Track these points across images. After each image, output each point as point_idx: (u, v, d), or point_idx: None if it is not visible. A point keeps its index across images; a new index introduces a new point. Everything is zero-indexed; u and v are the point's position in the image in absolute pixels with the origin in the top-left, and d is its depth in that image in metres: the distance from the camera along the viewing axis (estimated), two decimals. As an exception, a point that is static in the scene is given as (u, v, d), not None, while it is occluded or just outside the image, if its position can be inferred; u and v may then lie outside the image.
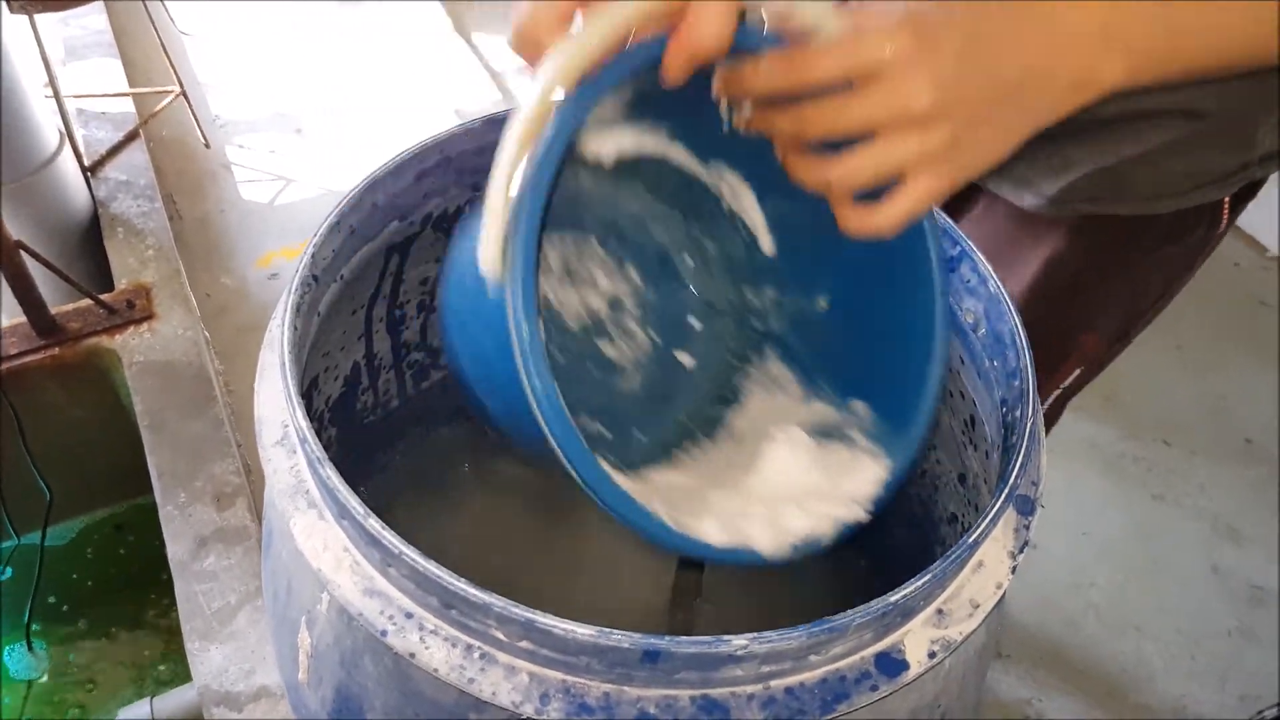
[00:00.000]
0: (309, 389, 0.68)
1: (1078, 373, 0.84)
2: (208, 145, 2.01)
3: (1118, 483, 1.65)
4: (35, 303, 1.22)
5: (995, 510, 0.49)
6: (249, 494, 1.16)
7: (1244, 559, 1.56)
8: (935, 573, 0.46)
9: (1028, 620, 1.46)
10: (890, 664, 0.48)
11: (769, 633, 0.44)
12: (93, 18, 1.85)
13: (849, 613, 0.45)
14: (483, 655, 0.46)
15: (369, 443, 0.81)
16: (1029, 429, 0.53)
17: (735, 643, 0.43)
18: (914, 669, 0.48)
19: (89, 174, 1.52)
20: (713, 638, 0.43)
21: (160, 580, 1.36)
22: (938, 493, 0.74)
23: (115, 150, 1.58)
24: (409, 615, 0.47)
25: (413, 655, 0.46)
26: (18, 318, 1.25)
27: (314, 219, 0.59)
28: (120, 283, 1.37)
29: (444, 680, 0.46)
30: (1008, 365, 0.58)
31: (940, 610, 0.50)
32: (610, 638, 0.42)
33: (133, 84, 1.76)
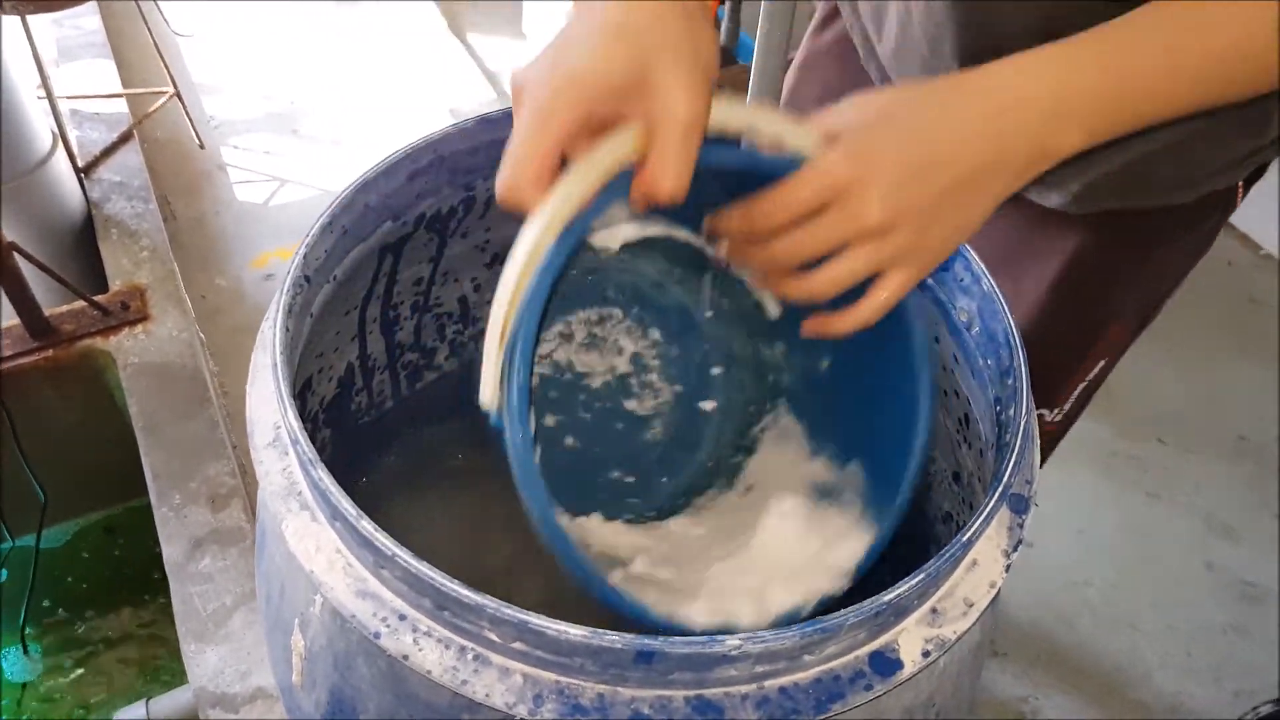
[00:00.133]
0: (303, 390, 0.67)
1: (1102, 364, 0.84)
2: (202, 146, 2.00)
3: (1112, 481, 1.65)
4: (29, 304, 1.21)
5: (989, 509, 0.49)
6: (244, 495, 1.15)
7: (1238, 556, 1.56)
8: (929, 572, 0.46)
9: (1023, 618, 1.46)
10: (884, 663, 0.48)
11: (763, 632, 0.44)
12: (86, 18, 1.85)
13: (842, 612, 0.45)
14: (476, 657, 0.46)
15: (363, 444, 0.81)
16: (1022, 427, 0.53)
17: (729, 643, 0.43)
18: (908, 668, 0.48)
19: (83, 175, 1.51)
20: (706, 638, 0.43)
21: (155, 582, 1.35)
22: (932, 491, 0.74)
23: (109, 151, 1.57)
24: (402, 617, 0.47)
25: (406, 657, 0.46)
26: (11, 320, 1.24)
27: (309, 220, 0.59)
28: (114, 284, 1.37)
29: (437, 682, 0.46)
30: (1001, 364, 0.58)
31: (934, 609, 0.50)
32: (603, 639, 0.42)
33: (126, 85, 1.75)
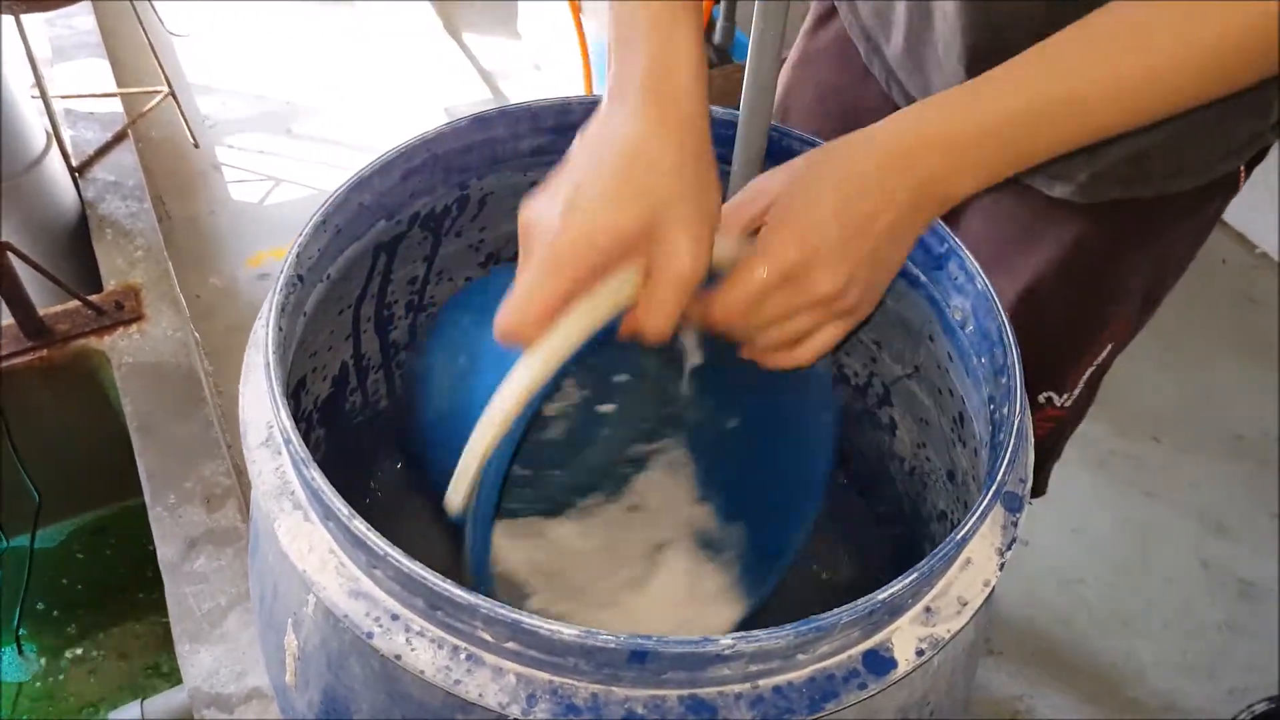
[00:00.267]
0: (296, 389, 0.67)
1: (1110, 348, 0.85)
2: (197, 145, 2.00)
3: (1107, 479, 1.65)
4: (23, 304, 1.21)
5: (983, 507, 0.49)
6: (239, 495, 1.15)
7: (1233, 554, 1.57)
8: (923, 570, 0.46)
9: (1018, 617, 1.47)
10: (878, 662, 0.48)
11: (756, 632, 0.43)
12: (80, 18, 1.84)
13: (836, 611, 0.45)
14: (469, 656, 0.46)
15: (358, 443, 0.81)
16: (1016, 426, 0.53)
17: (722, 642, 0.43)
18: (902, 667, 0.48)
19: (77, 175, 1.51)
20: (700, 637, 0.43)
21: (150, 582, 1.35)
22: (927, 490, 0.74)
23: (103, 151, 1.57)
24: (395, 617, 0.47)
25: (399, 657, 0.46)
26: (5, 320, 1.24)
27: (304, 219, 0.59)
28: (109, 284, 1.36)
29: (430, 682, 0.46)
30: (995, 362, 0.58)
31: (928, 608, 0.50)
32: (597, 638, 0.42)
33: (121, 84, 1.75)
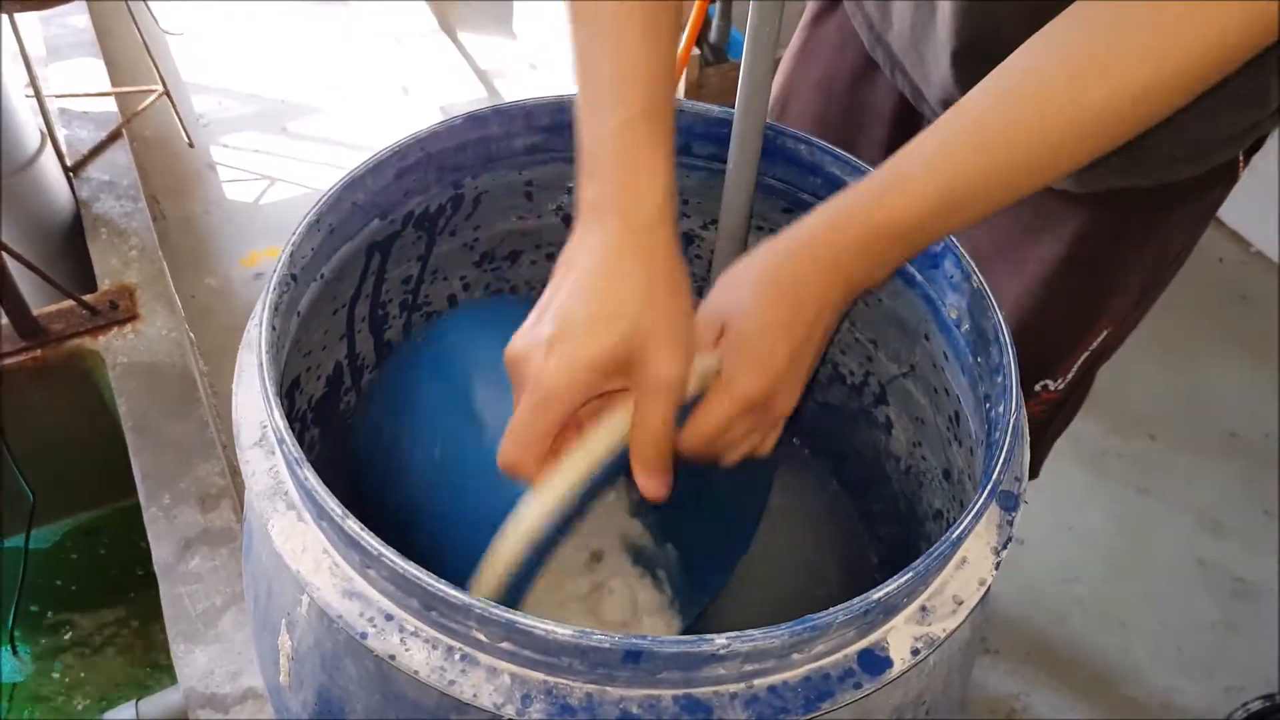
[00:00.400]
0: (290, 389, 0.67)
1: (1106, 333, 0.85)
2: (192, 145, 1.99)
3: (1102, 478, 1.66)
4: (17, 304, 1.21)
5: (978, 506, 0.49)
6: (234, 495, 1.15)
7: (1228, 552, 1.57)
8: (918, 570, 0.46)
9: (1014, 615, 1.47)
10: (874, 661, 0.48)
11: (751, 631, 0.43)
12: (74, 17, 1.84)
13: (831, 610, 0.44)
14: (464, 657, 0.46)
15: (352, 443, 0.80)
16: (1012, 424, 0.53)
17: (717, 642, 0.43)
18: (897, 666, 0.48)
19: (71, 174, 1.50)
20: (695, 637, 0.43)
21: (145, 582, 1.35)
22: (923, 489, 0.74)
23: (98, 150, 1.56)
24: (389, 617, 0.47)
25: (393, 657, 0.46)
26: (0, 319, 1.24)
27: (300, 218, 0.59)
28: (103, 284, 1.36)
29: (425, 682, 0.45)
30: (991, 361, 0.58)
31: (924, 607, 0.50)
32: (591, 638, 0.42)
33: (115, 84, 1.74)
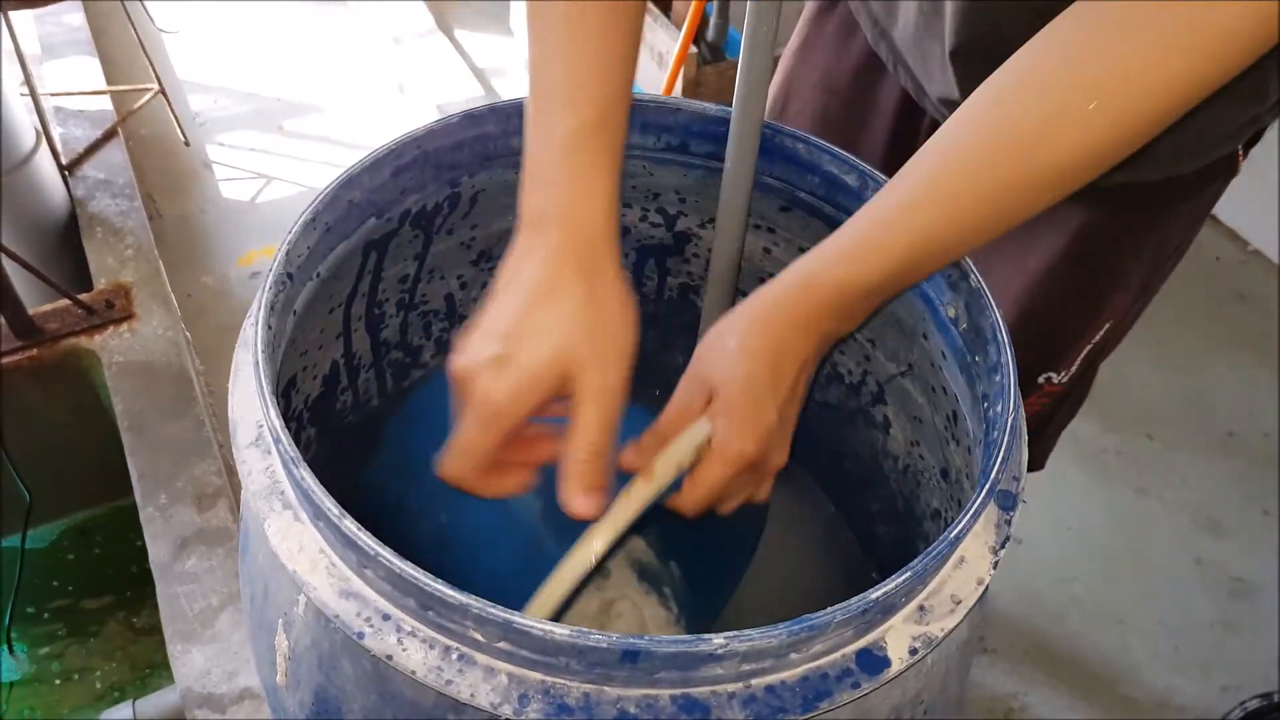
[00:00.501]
0: (287, 389, 0.67)
1: (1108, 327, 0.85)
2: (188, 143, 1.99)
3: (1100, 477, 1.66)
4: (13, 303, 1.20)
5: (976, 506, 0.49)
6: (230, 495, 1.15)
7: (1226, 551, 1.57)
8: (916, 569, 0.46)
9: (1012, 615, 1.47)
10: (872, 661, 0.48)
11: (749, 631, 0.43)
12: (70, 15, 1.83)
13: (829, 610, 0.44)
14: (461, 656, 0.46)
15: (349, 443, 0.80)
16: (1010, 423, 0.53)
17: (715, 641, 0.43)
18: (895, 666, 0.48)
19: (67, 173, 1.50)
20: (692, 636, 0.43)
21: (142, 582, 1.35)
22: (920, 488, 0.74)
23: (93, 149, 1.56)
24: (386, 617, 0.46)
25: (390, 657, 0.46)
26: (-6, 319, 1.24)
27: (296, 217, 0.59)
28: (99, 283, 1.36)
29: (422, 682, 0.45)
30: (989, 360, 0.58)
31: (922, 607, 0.50)
32: (589, 638, 0.42)
33: (111, 82, 1.74)
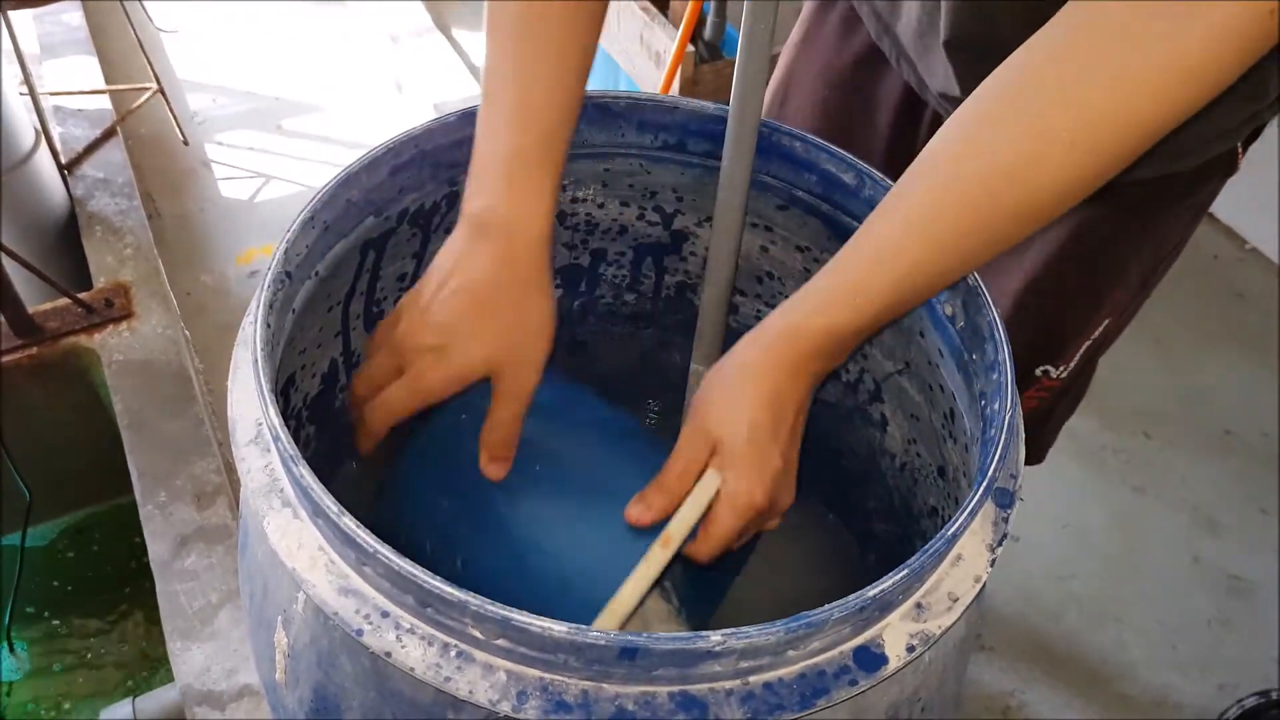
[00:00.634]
0: (285, 387, 0.67)
1: (1107, 322, 0.86)
2: (186, 143, 1.99)
3: (1098, 474, 1.66)
4: (12, 302, 1.20)
5: (973, 503, 0.49)
6: (229, 493, 1.15)
7: (1223, 549, 1.57)
8: (913, 567, 0.46)
9: (1009, 612, 1.47)
10: (869, 658, 0.48)
11: (747, 628, 0.43)
12: (69, 14, 1.83)
13: (827, 607, 0.45)
14: (460, 653, 0.46)
15: (348, 441, 0.80)
16: (1007, 421, 0.53)
17: (713, 639, 0.43)
18: (893, 663, 0.48)
19: (66, 172, 1.50)
20: (690, 634, 0.43)
21: (141, 579, 1.35)
22: (917, 486, 0.74)
23: (92, 148, 1.56)
24: (385, 614, 0.47)
25: (389, 654, 0.46)
26: (-6, 317, 1.24)
27: (295, 216, 0.59)
28: (99, 281, 1.36)
29: (421, 679, 0.45)
30: (986, 358, 0.58)
31: (919, 604, 0.50)
32: (587, 635, 0.42)
33: (110, 81, 1.74)
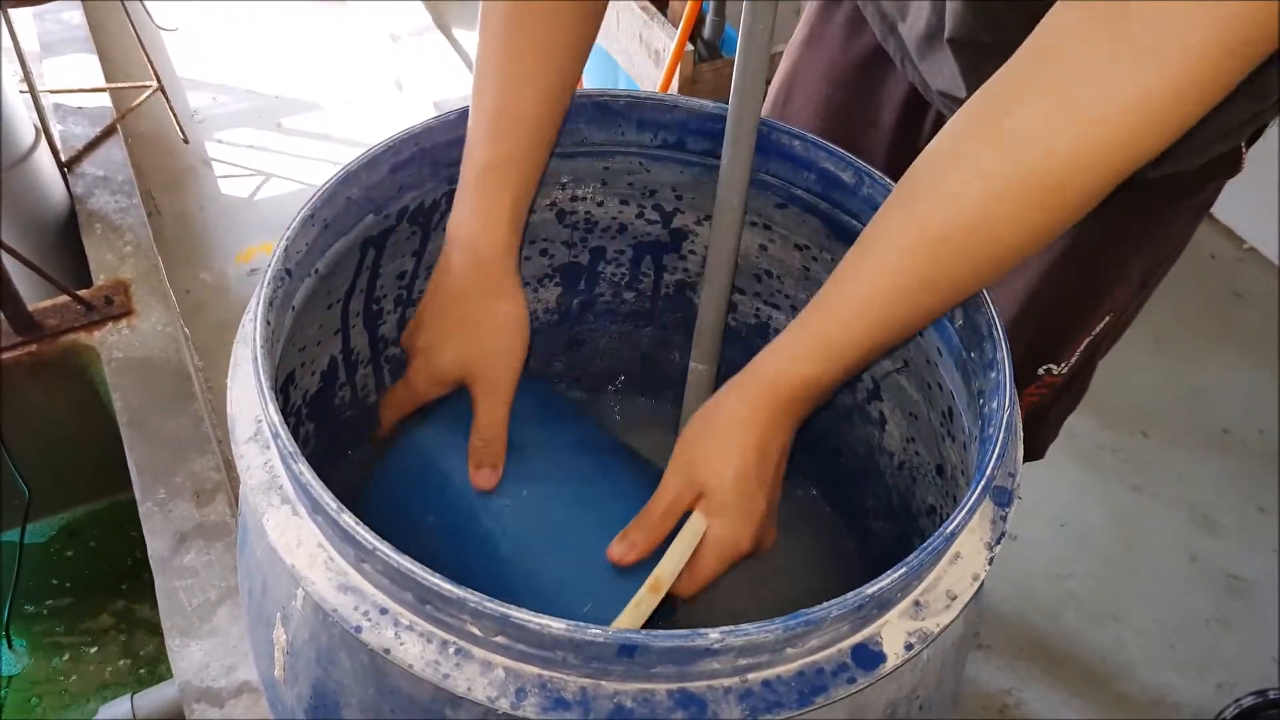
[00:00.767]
0: (285, 384, 0.67)
1: (1108, 320, 0.85)
2: (186, 141, 1.99)
3: (1096, 473, 1.66)
4: (12, 299, 1.20)
5: (972, 502, 0.49)
6: (229, 490, 1.15)
7: (1221, 549, 1.57)
8: (912, 565, 0.47)
9: (1007, 611, 1.47)
10: (867, 656, 0.48)
11: (745, 626, 0.44)
12: (69, 12, 1.83)
13: (825, 605, 0.45)
14: (458, 651, 0.46)
15: (347, 438, 0.80)
16: (1005, 420, 0.53)
17: (711, 636, 0.43)
18: (891, 661, 0.48)
19: (66, 170, 1.50)
20: (689, 631, 0.43)
21: (140, 576, 1.35)
22: (916, 484, 0.74)
23: (92, 145, 1.56)
24: (384, 611, 0.47)
25: (388, 651, 0.46)
26: (-6, 315, 1.24)
27: (294, 214, 0.59)
28: (98, 279, 1.36)
29: (419, 676, 0.46)
30: (985, 357, 0.58)
31: (917, 602, 0.50)
32: (586, 632, 0.42)
33: (110, 79, 1.74)
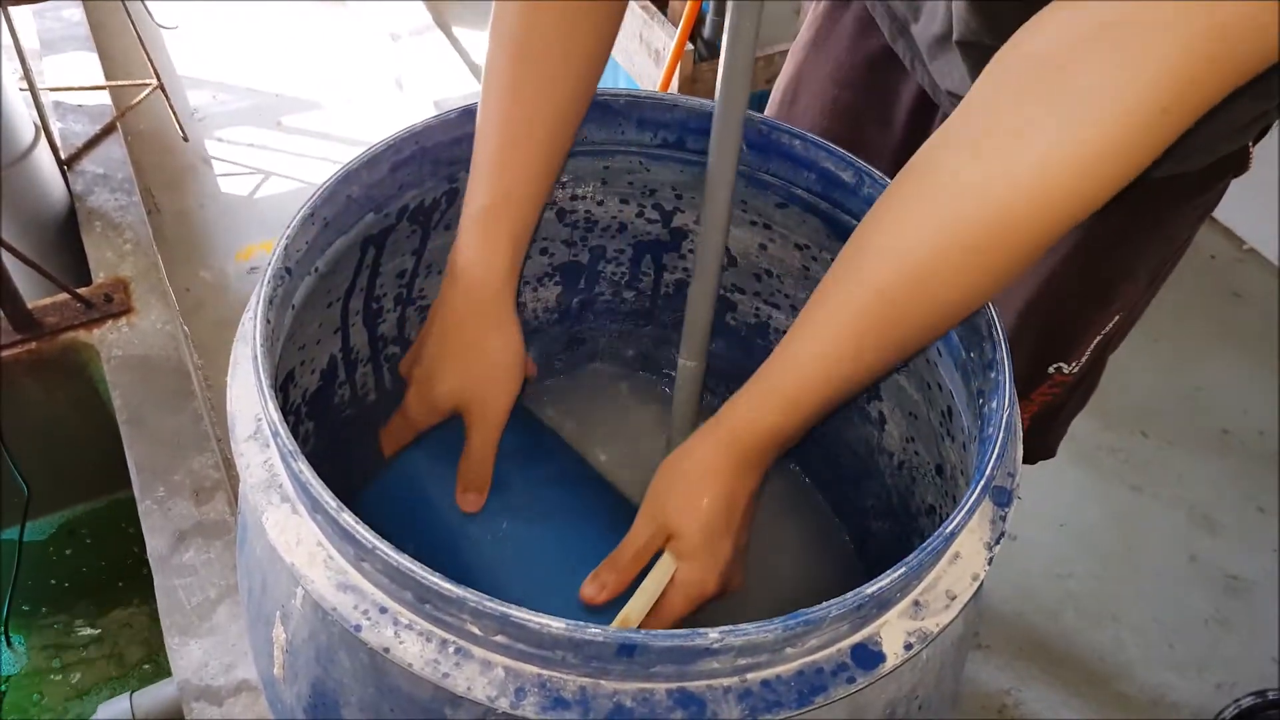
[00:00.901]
0: (285, 383, 0.67)
1: (1117, 318, 0.86)
2: (186, 139, 1.99)
3: (1095, 473, 1.66)
4: (12, 297, 1.20)
5: (971, 502, 0.49)
6: (228, 488, 1.15)
7: (1221, 548, 1.57)
8: (911, 565, 0.47)
9: (1006, 611, 1.47)
10: (867, 656, 0.48)
11: (745, 625, 0.44)
12: (68, 10, 1.83)
13: (824, 605, 0.45)
14: (458, 650, 0.46)
15: (347, 437, 0.80)
16: (1005, 420, 0.53)
17: (710, 636, 0.43)
18: (890, 661, 0.48)
19: (65, 167, 1.50)
20: (688, 630, 0.43)
21: (139, 574, 1.35)
22: (915, 484, 0.74)
23: (92, 143, 1.56)
24: (383, 610, 0.47)
25: (387, 650, 0.46)
26: (-7, 313, 1.24)
27: (294, 212, 0.59)
28: (98, 277, 1.36)
29: (419, 675, 0.46)
30: (984, 356, 0.58)
31: (917, 602, 0.50)
32: (585, 631, 0.42)
33: (110, 77, 1.74)
